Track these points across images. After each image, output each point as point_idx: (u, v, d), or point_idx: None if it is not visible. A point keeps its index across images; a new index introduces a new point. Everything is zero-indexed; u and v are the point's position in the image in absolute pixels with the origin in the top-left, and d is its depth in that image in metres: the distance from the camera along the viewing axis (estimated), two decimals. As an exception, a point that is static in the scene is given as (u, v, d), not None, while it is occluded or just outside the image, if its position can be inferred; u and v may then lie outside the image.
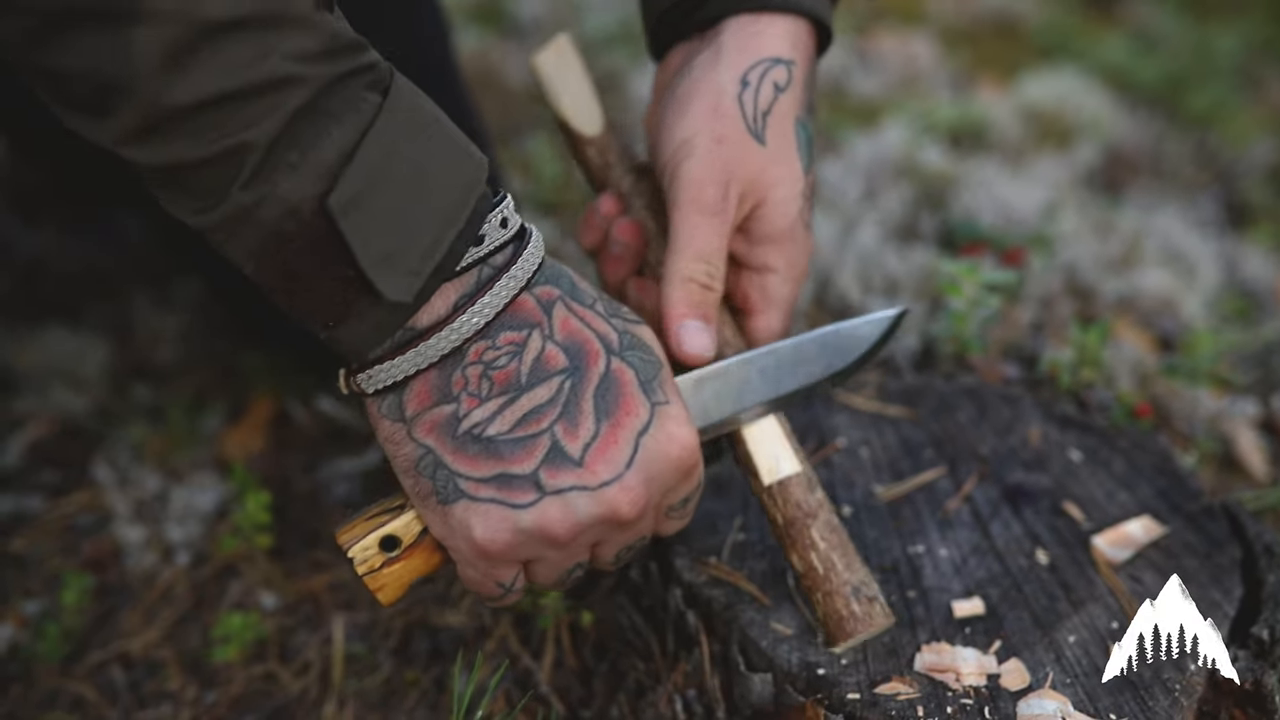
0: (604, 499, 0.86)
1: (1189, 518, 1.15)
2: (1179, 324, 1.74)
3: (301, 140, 0.76)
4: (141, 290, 1.84)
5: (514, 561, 0.88)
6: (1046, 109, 2.52)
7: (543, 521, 0.85)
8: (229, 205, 0.76)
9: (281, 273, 0.80)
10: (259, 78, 0.75)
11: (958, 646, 1.00)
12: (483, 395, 0.85)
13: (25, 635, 1.29)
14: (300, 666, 1.24)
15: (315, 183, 0.77)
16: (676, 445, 0.89)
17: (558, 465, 0.85)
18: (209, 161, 0.75)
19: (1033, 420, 1.29)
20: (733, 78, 1.03)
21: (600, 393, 0.88)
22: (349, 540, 0.89)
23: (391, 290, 0.80)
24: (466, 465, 0.85)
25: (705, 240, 1.01)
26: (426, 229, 0.81)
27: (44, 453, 1.58)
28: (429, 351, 0.84)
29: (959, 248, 1.84)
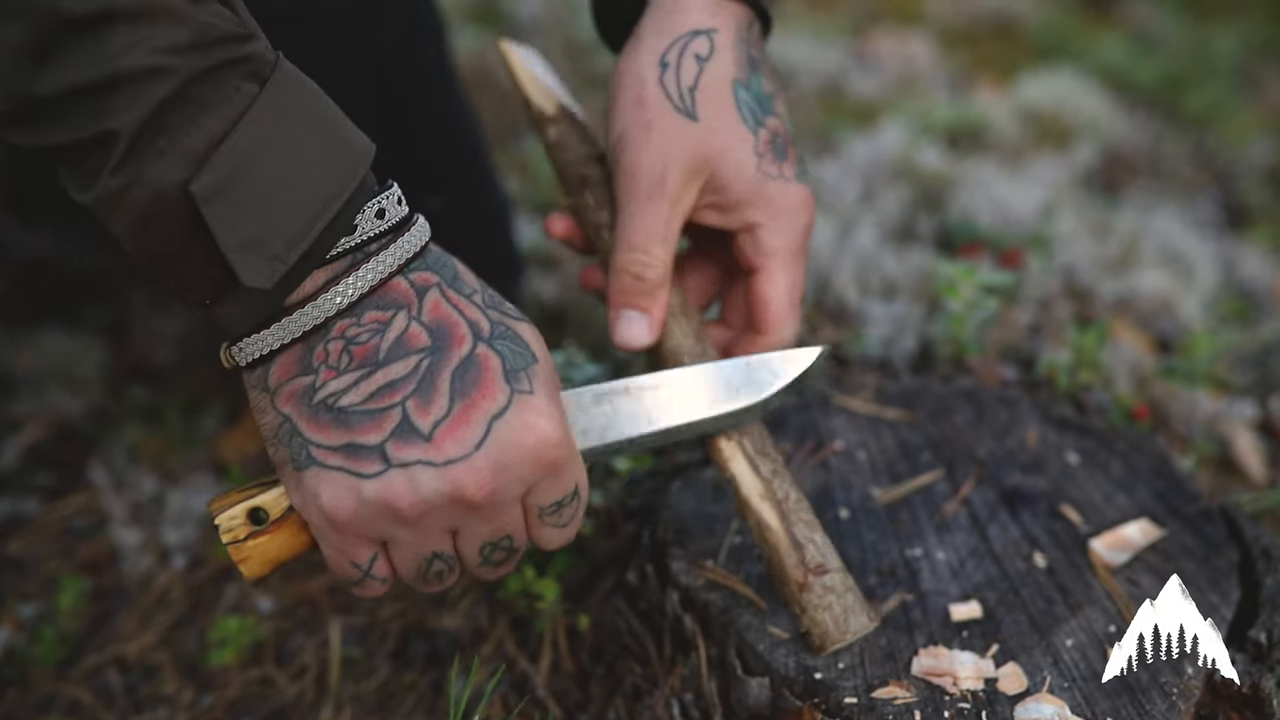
0: (449, 476, 0.85)
1: (1187, 521, 1.15)
2: (1177, 325, 1.74)
3: (169, 128, 0.78)
4: (138, 292, 1.84)
5: (364, 537, 0.87)
6: (1045, 110, 2.52)
7: (386, 493, 0.84)
8: (99, 188, 0.78)
9: (153, 254, 0.81)
10: (123, 69, 0.76)
11: (955, 650, 1.00)
12: (340, 368, 0.86)
13: (21, 639, 1.29)
14: (297, 670, 1.23)
15: (181, 169, 0.79)
16: (533, 435, 0.87)
17: (406, 439, 0.85)
18: (78, 147, 0.77)
19: (1030, 422, 1.29)
20: (651, 62, 1.04)
21: (459, 373, 0.87)
22: (219, 509, 0.89)
23: (250, 276, 0.81)
24: (318, 433, 0.85)
25: (638, 229, 1.03)
26: (295, 217, 0.82)
27: (41, 455, 1.58)
28: (292, 326, 0.85)
29: (957, 249, 1.84)
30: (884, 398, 1.33)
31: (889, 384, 1.37)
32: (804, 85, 2.60)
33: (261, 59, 0.83)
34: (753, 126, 1.05)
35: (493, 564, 0.93)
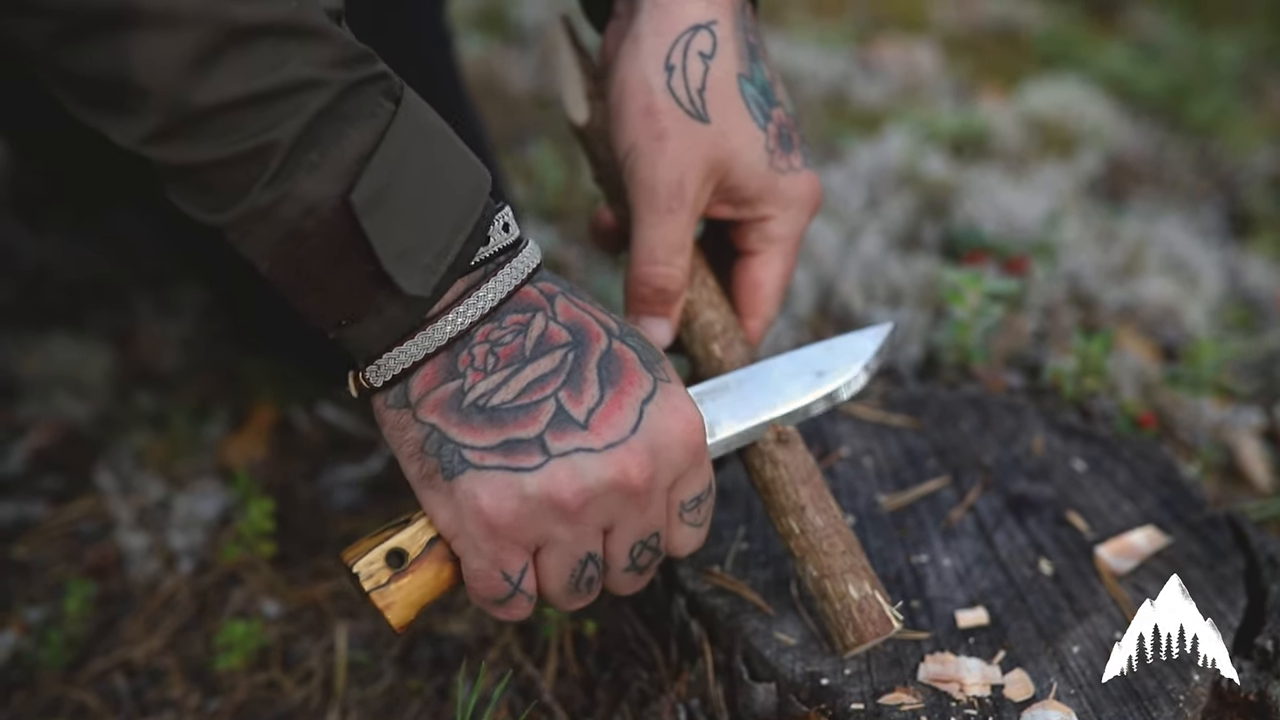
0: (611, 460, 0.85)
1: (1192, 528, 1.15)
2: (1182, 333, 1.75)
3: (321, 141, 0.79)
4: (144, 297, 1.84)
5: (521, 542, 0.86)
6: (1049, 117, 2.53)
7: (550, 485, 0.84)
8: (248, 204, 0.78)
9: (297, 270, 0.82)
10: (282, 81, 0.77)
11: (962, 657, 1.00)
12: (488, 369, 0.86)
13: (28, 642, 1.29)
14: (303, 674, 1.24)
15: (334, 182, 0.79)
16: (682, 418, 0.89)
17: (563, 428, 0.85)
18: (231, 161, 0.77)
19: (1036, 430, 1.29)
20: (656, 67, 1.01)
21: (603, 364, 0.88)
22: (354, 557, 0.87)
23: (410, 285, 0.82)
24: (471, 435, 0.85)
25: (659, 242, 1.02)
26: (439, 229, 0.84)
27: (47, 459, 1.58)
28: (437, 335, 0.86)
29: (961, 256, 1.84)
30: (889, 404, 1.33)
31: (894, 390, 1.37)
32: (809, 92, 2.60)
33: (393, 78, 0.84)
34: (762, 123, 1.04)
35: (638, 569, 0.93)
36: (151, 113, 0.76)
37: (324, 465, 1.53)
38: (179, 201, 0.82)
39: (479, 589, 0.88)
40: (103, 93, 0.76)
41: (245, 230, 0.80)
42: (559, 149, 2.20)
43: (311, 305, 0.84)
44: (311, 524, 1.43)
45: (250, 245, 0.81)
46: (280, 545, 1.38)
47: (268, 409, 1.62)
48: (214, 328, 1.78)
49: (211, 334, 1.77)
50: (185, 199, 0.81)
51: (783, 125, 1.06)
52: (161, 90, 0.75)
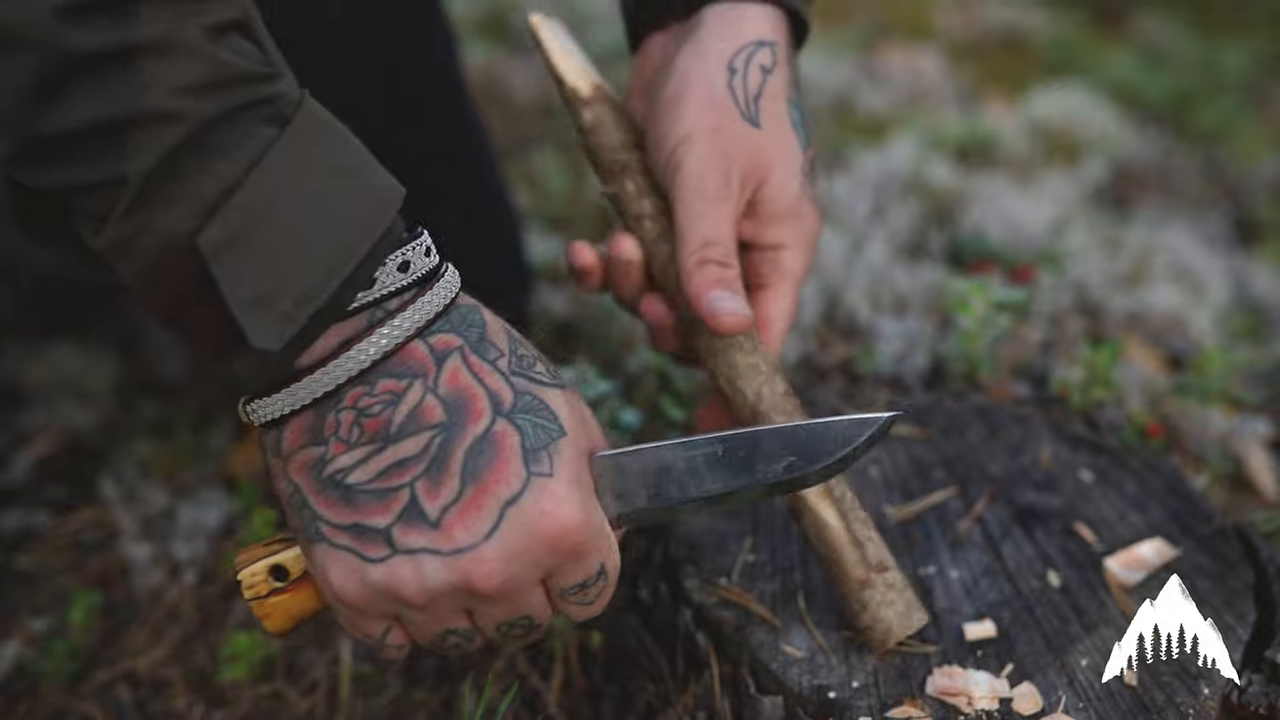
0: (456, 567, 0.80)
1: (1201, 540, 1.15)
2: (1189, 342, 1.74)
3: (180, 173, 0.75)
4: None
5: (373, 616, 0.84)
6: (1055, 125, 2.52)
7: (391, 580, 0.81)
8: (107, 234, 0.76)
9: (163, 304, 0.79)
10: (133, 111, 0.73)
11: (970, 670, 0.99)
12: (350, 441, 0.82)
13: (32, 653, 1.29)
14: (308, 686, 1.23)
15: (192, 218, 0.75)
16: (550, 522, 0.82)
17: (413, 524, 0.80)
18: (85, 189, 0.75)
19: (1044, 440, 1.28)
20: (720, 66, 1.04)
21: (472, 454, 0.81)
22: (243, 563, 0.89)
23: (258, 336, 0.77)
24: (326, 509, 0.82)
25: (712, 226, 1.02)
26: (310, 271, 0.78)
27: (51, 468, 1.58)
28: (301, 393, 0.81)
29: (968, 264, 1.84)
30: (896, 414, 1.33)
31: (901, 400, 1.37)
32: (815, 99, 2.60)
33: (284, 99, 0.79)
34: (804, 145, 1.06)
35: (513, 638, 0.89)
36: (7, 136, 0.74)
37: (328, 475, 1.52)
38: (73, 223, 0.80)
39: (351, 632, 0.88)
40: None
41: (116, 256, 0.77)
42: (563, 156, 2.20)
43: (182, 338, 0.82)
44: (316, 534, 1.43)
45: (123, 272, 0.78)
46: (284, 555, 1.37)
47: (272, 418, 1.62)
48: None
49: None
50: (74, 222, 0.79)
51: (813, 161, 1.09)
52: (10, 115, 0.73)
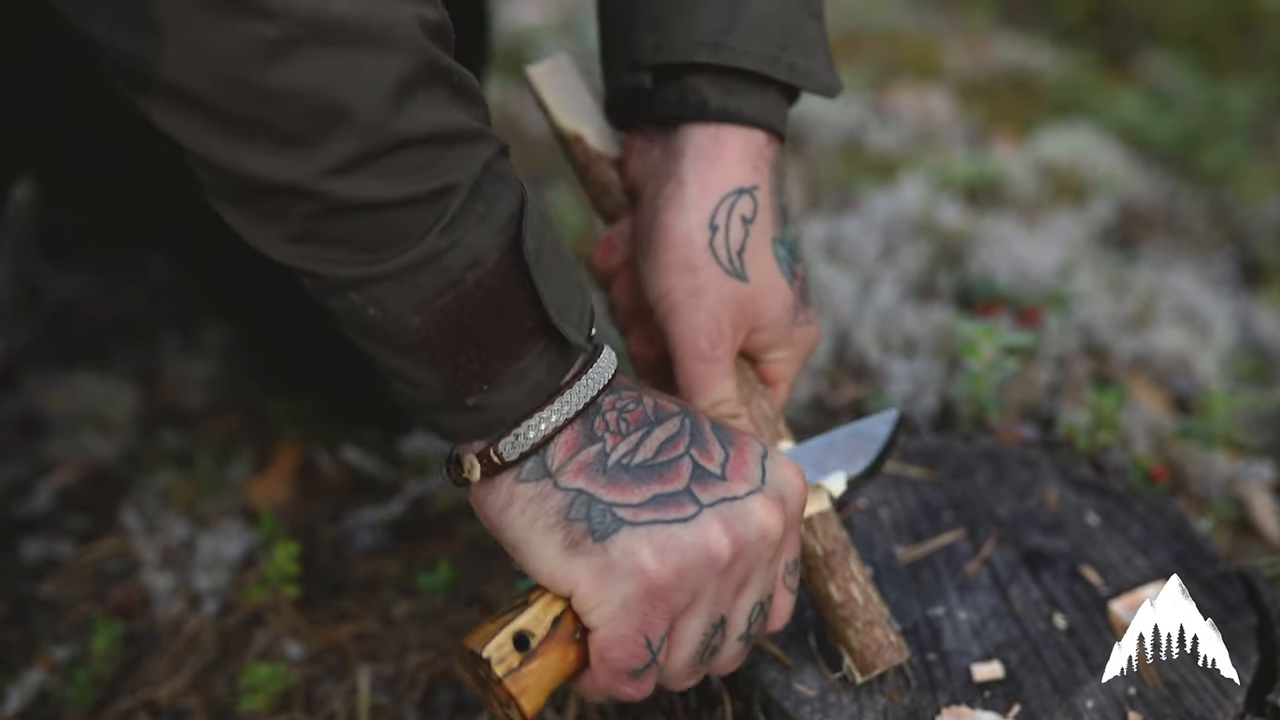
0: (754, 506, 0.88)
1: (1205, 583, 1.17)
2: (1194, 384, 1.76)
3: (486, 194, 0.80)
4: (169, 336, 1.87)
5: (673, 603, 0.85)
6: (1062, 165, 2.54)
7: (703, 537, 0.86)
8: (420, 249, 0.78)
9: (450, 326, 0.81)
10: (462, 125, 0.79)
11: (977, 710, 1.01)
12: (624, 432, 0.88)
13: (54, 680, 1.31)
14: (325, 717, 1.25)
15: (497, 235, 0.81)
16: (794, 471, 0.93)
17: (705, 481, 0.88)
18: (414, 200, 0.77)
19: (1050, 483, 1.31)
20: (700, 223, 1.02)
21: (715, 427, 0.93)
22: (480, 642, 0.85)
23: (574, 336, 0.85)
24: (621, 494, 0.86)
25: (713, 385, 1.05)
26: (575, 289, 0.87)
27: (73, 498, 1.60)
28: (575, 398, 0.86)
29: (976, 306, 1.86)
30: (906, 456, 1.35)
31: (910, 442, 1.39)
32: (824, 139, 2.63)
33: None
34: (790, 280, 1.07)
35: (748, 638, 0.93)
36: (348, 139, 0.74)
37: (346, 507, 1.55)
38: (306, 258, 0.79)
39: (618, 658, 0.86)
40: (298, 115, 0.73)
41: (403, 282, 0.78)
42: (578, 192, 2.22)
43: (456, 366, 0.82)
44: (334, 566, 1.45)
45: (402, 299, 0.79)
46: (303, 587, 1.40)
47: (291, 450, 1.64)
48: (239, 368, 1.80)
49: (236, 375, 1.80)
50: (326, 251, 0.78)
51: (804, 280, 1.11)
52: (366, 114, 0.74)
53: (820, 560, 1.03)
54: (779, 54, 1.04)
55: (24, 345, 1.85)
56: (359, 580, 1.43)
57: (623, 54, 1.07)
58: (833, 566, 1.03)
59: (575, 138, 1.13)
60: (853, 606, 1.02)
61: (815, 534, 1.04)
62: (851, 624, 1.02)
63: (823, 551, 1.03)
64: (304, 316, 1.47)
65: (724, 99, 1.04)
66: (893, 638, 1.02)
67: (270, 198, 0.76)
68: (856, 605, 1.02)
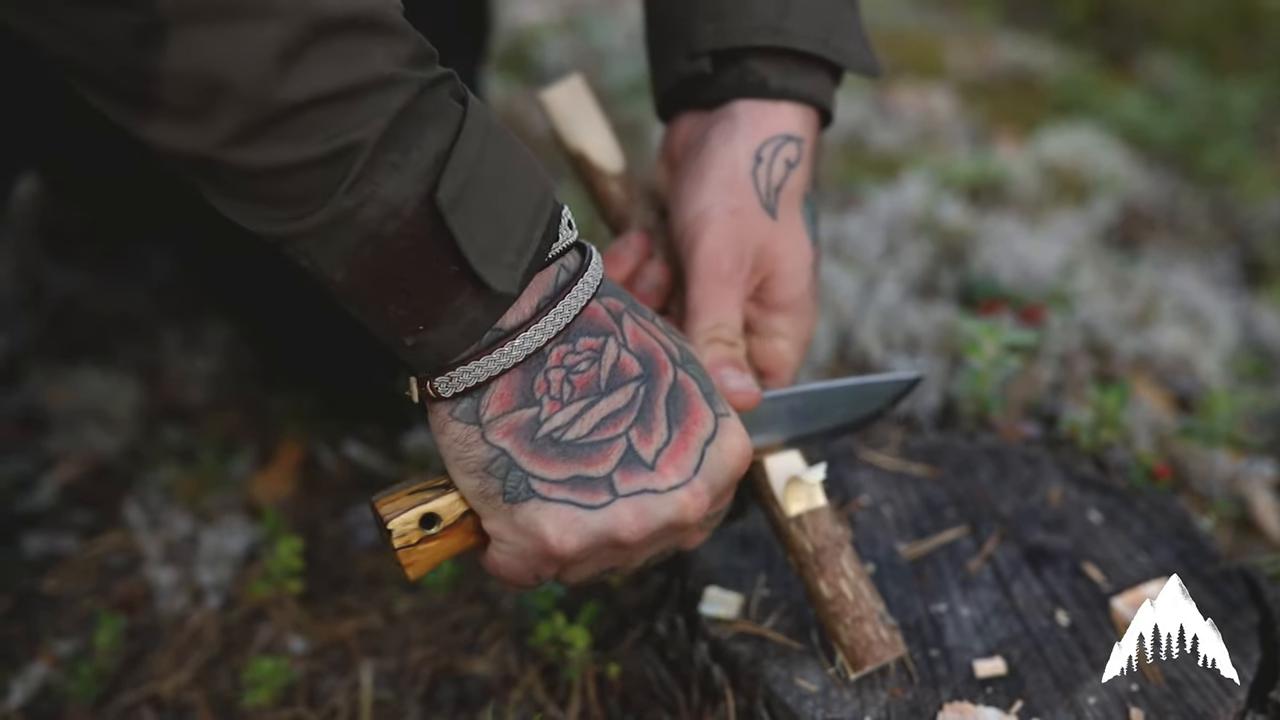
0: (672, 501, 0.89)
1: (1207, 581, 1.17)
2: (1196, 383, 1.76)
3: (401, 140, 0.79)
4: (171, 331, 1.87)
5: (567, 563, 0.90)
6: (1064, 164, 2.54)
7: (613, 523, 0.88)
8: (329, 209, 0.78)
9: (374, 277, 0.81)
10: (365, 77, 0.77)
11: (980, 706, 1.02)
12: (564, 399, 0.88)
13: (58, 674, 1.31)
14: (328, 712, 1.25)
15: (416, 182, 0.80)
16: (735, 457, 0.93)
17: (631, 469, 0.89)
18: (315, 162, 0.77)
19: (1053, 481, 1.31)
20: (747, 152, 1.07)
21: (671, 401, 0.92)
22: (390, 511, 0.90)
23: (498, 282, 0.83)
24: (542, 467, 0.87)
25: (723, 307, 1.05)
26: (517, 225, 0.84)
27: (76, 493, 1.60)
28: (515, 351, 0.86)
29: (978, 304, 1.86)
30: (908, 453, 1.35)
31: (913, 439, 1.39)
32: (827, 137, 2.62)
33: (456, 79, 0.84)
34: (812, 241, 1.10)
35: (645, 567, 0.98)
36: (235, 111, 0.74)
37: (349, 503, 1.55)
38: (241, 215, 0.81)
39: (505, 577, 0.93)
40: (183, 92, 0.74)
41: (323, 237, 0.79)
42: (582, 192, 2.22)
43: (387, 314, 0.84)
44: (337, 561, 1.46)
45: (324, 254, 0.80)
46: (306, 582, 1.40)
47: (294, 446, 1.65)
48: (241, 365, 1.80)
49: (238, 371, 1.80)
50: (253, 210, 0.80)
51: (818, 257, 1.12)
52: (248, 85, 0.74)
53: (810, 557, 1.04)
54: (827, 37, 1.09)
55: (27, 341, 1.85)
56: (362, 576, 1.43)
57: (680, 43, 1.11)
58: (823, 563, 1.03)
59: (578, 155, 1.18)
60: (842, 603, 1.03)
61: (806, 531, 1.04)
62: (841, 620, 1.03)
63: (813, 548, 1.04)
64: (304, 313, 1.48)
65: (783, 79, 1.08)
66: (884, 634, 1.02)
67: (191, 164, 0.79)
68: (846, 601, 1.02)
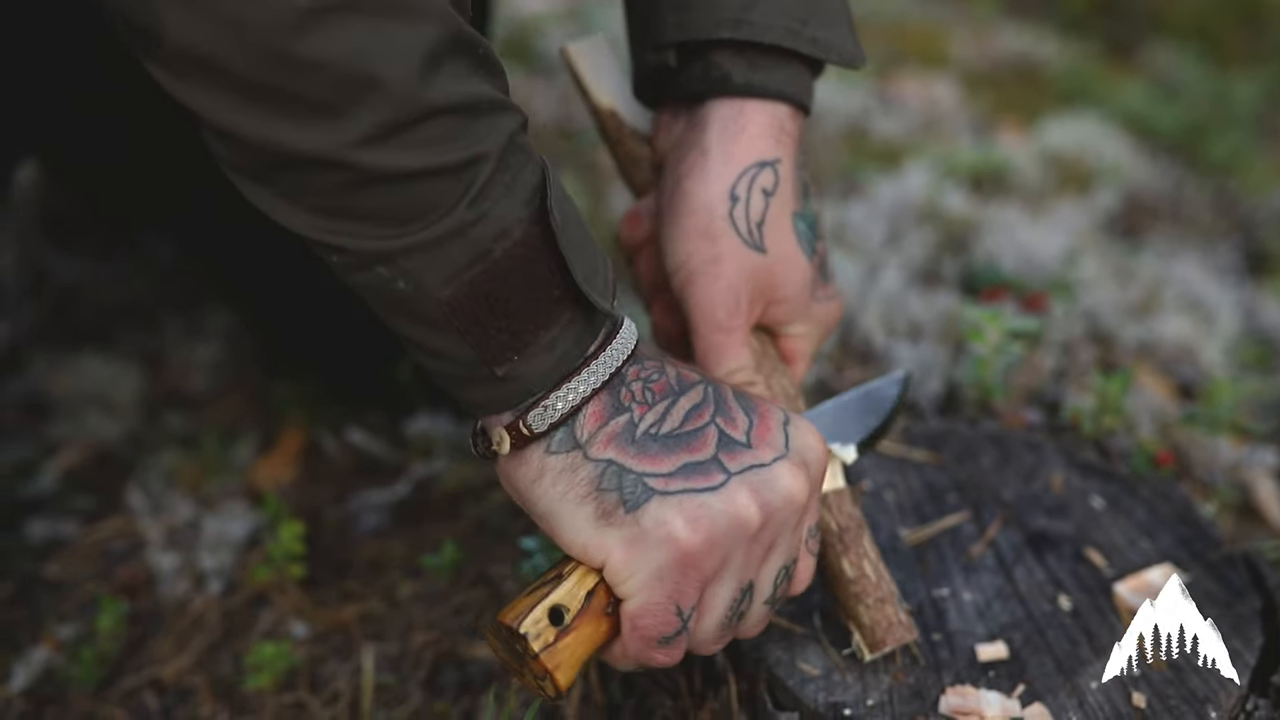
0: (780, 472, 0.89)
1: (1209, 566, 1.17)
2: (1198, 371, 1.76)
3: (511, 165, 0.80)
4: (173, 318, 1.87)
5: (704, 571, 0.86)
6: (1067, 154, 2.55)
7: (732, 504, 0.86)
8: (450, 220, 0.77)
9: (478, 298, 0.81)
10: (489, 95, 0.78)
11: (982, 690, 1.02)
12: (650, 402, 0.88)
13: (60, 659, 1.31)
14: (330, 696, 1.26)
15: (523, 206, 0.80)
16: (815, 437, 0.94)
17: (731, 450, 0.89)
18: (444, 170, 0.76)
19: (1055, 467, 1.31)
20: (721, 193, 1.03)
21: (738, 395, 0.93)
22: (515, 617, 0.85)
23: (601, 302, 0.85)
24: (650, 464, 0.86)
25: (729, 355, 1.06)
26: (597, 258, 0.87)
27: (78, 478, 1.60)
28: (601, 369, 0.86)
29: (981, 292, 1.86)
30: (911, 439, 1.35)
31: (916, 426, 1.39)
32: (829, 127, 2.63)
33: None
34: (809, 255, 1.08)
35: (772, 603, 0.94)
36: (378, 109, 0.73)
37: (351, 489, 1.55)
38: (333, 231, 0.78)
39: (649, 626, 0.86)
40: (326, 87, 0.73)
41: (434, 253, 0.78)
42: (583, 178, 2.22)
43: (486, 337, 0.82)
44: (339, 547, 1.46)
45: (433, 270, 0.79)
46: (308, 567, 1.40)
47: (296, 432, 1.65)
48: (243, 352, 1.80)
49: (241, 358, 1.80)
50: (355, 223, 0.78)
51: (824, 258, 1.11)
52: (396, 83, 0.73)
53: (835, 536, 1.04)
54: (800, 27, 1.04)
55: (30, 328, 1.85)
56: (364, 561, 1.43)
57: (648, 34, 1.08)
58: (847, 542, 1.04)
59: (610, 112, 1.14)
60: (865, 583, 1.03)
61: (830, 510, 1.04)
62: (863, 600, 1.02)
63: (837, 527, 1.04)
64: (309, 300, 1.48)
65: (747, 73, 1.04)
66: (903, 617, 1.03)
67: (297, 170, 0.76)
68: (869, 582, 1.03)
